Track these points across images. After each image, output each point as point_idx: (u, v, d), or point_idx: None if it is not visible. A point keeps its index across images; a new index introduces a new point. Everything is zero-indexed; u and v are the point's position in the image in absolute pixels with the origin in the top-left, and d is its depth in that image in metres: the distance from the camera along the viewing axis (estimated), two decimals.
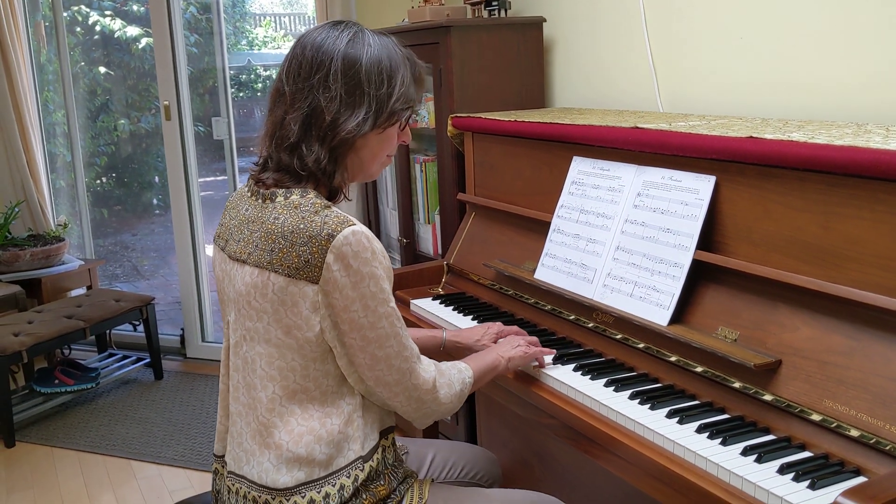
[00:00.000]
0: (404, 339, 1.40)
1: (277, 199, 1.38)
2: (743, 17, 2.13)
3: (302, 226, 1.32)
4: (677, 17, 2.32)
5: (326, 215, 1.33)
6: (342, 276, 1.31)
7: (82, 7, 4.93)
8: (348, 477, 1.38)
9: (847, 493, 1.11)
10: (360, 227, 1.33)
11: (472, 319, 2.06)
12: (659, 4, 2.37)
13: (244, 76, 6.51)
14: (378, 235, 3.34)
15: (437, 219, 2.84)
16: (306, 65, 1.38)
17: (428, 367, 1.46)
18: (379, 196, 3.30)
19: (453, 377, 1.50)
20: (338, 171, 1.40)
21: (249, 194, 1.45)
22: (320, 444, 1.37)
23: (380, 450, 1.44)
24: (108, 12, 4.99)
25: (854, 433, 1.29)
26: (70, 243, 4.34)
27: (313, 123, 1.37)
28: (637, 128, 1.81)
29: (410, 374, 1.41)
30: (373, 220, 3.34)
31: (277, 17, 8.22)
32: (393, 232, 3.18)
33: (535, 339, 1.77)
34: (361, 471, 1.39)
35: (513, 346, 1.70)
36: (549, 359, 1.76)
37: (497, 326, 1.83)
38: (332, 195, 1.43)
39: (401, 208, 3.03)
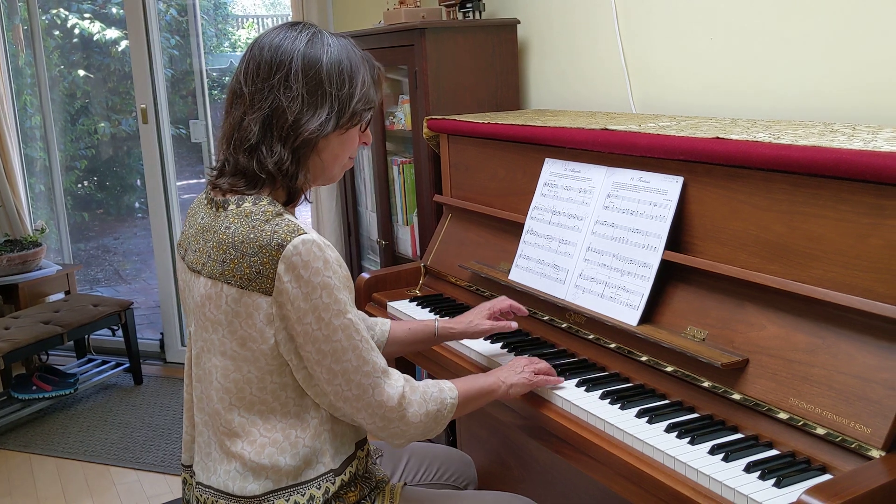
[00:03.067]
0: (364, 352, 1.34)
1: (230, 208, 1.34)
2: (713, 18, 2.14)
3: (252, 235, 1.29)
4: (649, 18, 2.33)
5: (277, 224, 1.30)
6: (293, 286, 1.27)
7: (61, 10, 4.90)
8: (318, 489, 1.36)
9: (810, 492, 1.12)
10: (312, 236, 1.29)
11: None
12: (631, 6, 2.38)
13: (227, 78, 6.49)
14: (358, 238, 3.34)
15: (416, 220, 2.84)
16: (265, 65, 1.35)
17: (395, 383, 1.38)
18: (358, 198, 3.29)
19: (429, 396, 1.41)
20: (300, 172, 1.37)
21: (206, 201, 1.42)
22: (284, 455, 1.34)
23: (354, 462, 1.42)
24: (87, 15, 4.96)
25: (820, 431, 1.30)
26: (48, 248, 4.31)
27: (274, 124, 1.34)
28: (606, 129, 1.81)
29: (373, 389, 1.34)
30: (352, 222, 3.33)
31: (260, 19, 8.20)
32: (372, 234, 3.18)
33: (537, 360, 1.65)
34: (332, 484, 1.37)
35: (516, 371, 1.59)
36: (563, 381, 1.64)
37: (489, 303, 1.78)
38: (291, 198, 1.40)
39: (379, 210, 3.03)
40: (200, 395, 1.42)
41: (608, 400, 1.56)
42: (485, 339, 1.89)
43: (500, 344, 1.87)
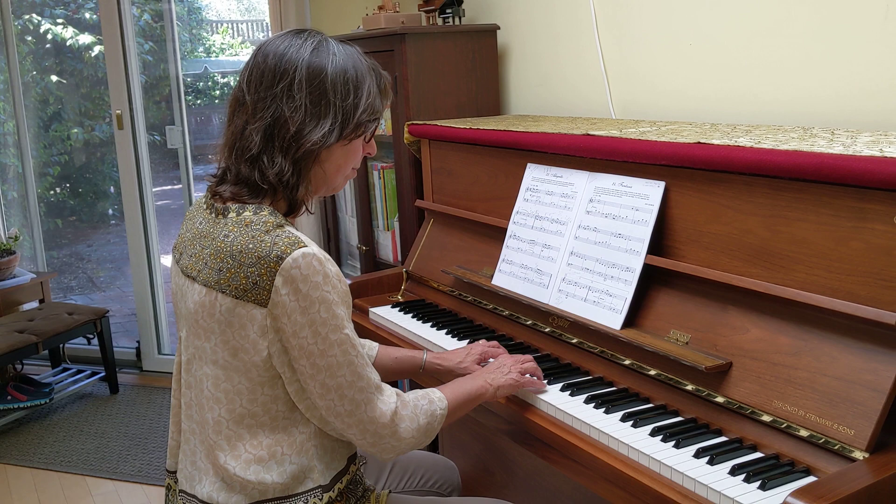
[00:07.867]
0: (359, 367, 1.32)
1: (230, 215, 1.32)
2: (693, 23, 2.16)
3: (251, 246, 1.27)
4: (628, 24, 2.35)
5: (277, 235, 1.28)
6: (291, 300, 1.25)
7: (34, 16, 4.84)
8: (305, 503, 1.35)
9: (796, 494, 1.13)
10: (312, 249, 1.27)
11: (432, 326, 2.06)
12: (610, 12, 2.40)
13: (201, 83, 6.45)
14: (337, 243, 3.33)
15: (397, 225, 2.83)
16: (269, 73, 1.33)
17: (388, 399, 1.36)
18: (337, 203, 3.28)
19: (419, 409, 1.40)
20: (301, 183, 1.34)
21: (206, 207, 1.40)
22: (271, 473, 1.33)
23: (345, 477, 1.41)
24: (59, 20, 4.90)
25: (804, 433, 1.31)
26: (22, 256, 4.24)
27: (276, 134, 1.32)
28: (588, 135, 1.82)
29: (366, 405, 1.33)
30: (331, 227, 3.32)
31: (234, 24, 8.16)
32: (352, 239, 3.17)
33: (528, 357, 1.65)
34: (320, 499, 1.36)
35: (503, 372, 1.58)
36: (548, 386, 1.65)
37: (481, 347, 1.73)
38: (292, 209, 1.38)
39: (359, 215, 3.02)
40: (190, 402, 1.40)
41: (593, 404, 1.56)
42: (469, 342, 1.89)
43: None
